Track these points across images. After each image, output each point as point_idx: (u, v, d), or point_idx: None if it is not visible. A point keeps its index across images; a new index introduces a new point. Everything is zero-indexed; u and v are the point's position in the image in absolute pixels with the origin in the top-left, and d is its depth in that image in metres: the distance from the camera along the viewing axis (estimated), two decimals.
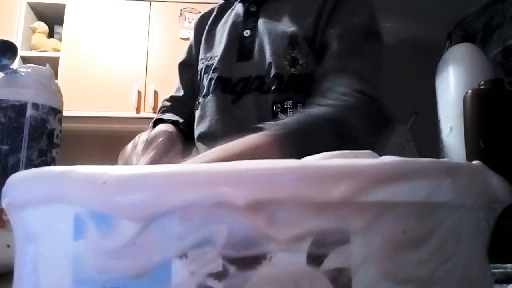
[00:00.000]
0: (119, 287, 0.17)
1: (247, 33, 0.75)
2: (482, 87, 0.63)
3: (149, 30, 2.33)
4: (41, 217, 0.19)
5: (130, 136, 0.80)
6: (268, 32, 0.72)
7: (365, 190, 0.17)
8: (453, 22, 2.36)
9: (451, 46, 0.87)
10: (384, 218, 0.17)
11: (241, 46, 0.74)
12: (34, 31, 2.35)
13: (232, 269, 0.16)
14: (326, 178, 0.17)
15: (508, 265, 0.40)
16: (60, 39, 2.38)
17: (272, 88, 0.69)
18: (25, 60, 2.25)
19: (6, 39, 0.57)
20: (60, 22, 2.39)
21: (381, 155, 0.20)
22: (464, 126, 0.63)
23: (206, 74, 0.76)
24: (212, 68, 0.75)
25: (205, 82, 0.76)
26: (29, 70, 0.60)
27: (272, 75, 0.70)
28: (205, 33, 0.83)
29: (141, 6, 2.37)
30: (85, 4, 2.37)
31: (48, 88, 0.60)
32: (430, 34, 2.33)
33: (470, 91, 0.63)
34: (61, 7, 2.36)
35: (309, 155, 0.22)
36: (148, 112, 2.19)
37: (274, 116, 0.69)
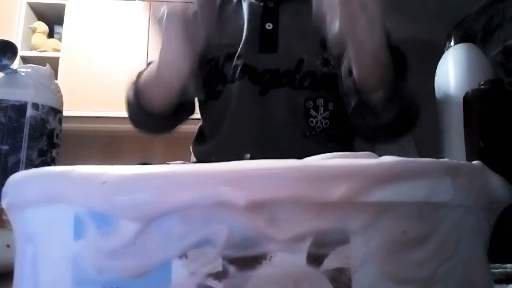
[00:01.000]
0: (119, 287, 0.17)
1: (269, 26, 0.75)
2: (482, 87, 0.62)
3: (149, 30, 2.33)
4: (41, 217, 0.19)
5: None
6: (296, 29, 0.73)
7: (365, 190, 0.17)
8: (453, 22, 2.36)
9: (451, 46, 0.87)
10: (384, 218, 0.17)
11: (262, 38, 0.74)
12: (34, 31, 2.35)
13: (232, 269, 0.16)
14: (326, 178, 0.17)
15: (508, 265, 0.40)
16: (60, 39, 2.38)
17: (305, 85, 0.71)
18: (25, 60, 2.26)
19: (6, 39, 0.57)
20: (60, 22, 2.39)
21: (380, 155, 0.20)
22: (464, 126, 0.63)
23: (229, 62, 0.74)
24: (236, 56, 0.74)
25: (228, 70, 0.74)
26: (29, 70, 0.60)
27: (303, 72, 0.71)
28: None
29: (141, 6, 2.37)
30: (85, 4, 2.37)
31: (48, 88, 0.60)
32: (430, 34, 2.33)
33: (470, 91, 0.63)
34: (61, 7, 2.37)
35: None
36: None
37: (306, 113, 0.71)
